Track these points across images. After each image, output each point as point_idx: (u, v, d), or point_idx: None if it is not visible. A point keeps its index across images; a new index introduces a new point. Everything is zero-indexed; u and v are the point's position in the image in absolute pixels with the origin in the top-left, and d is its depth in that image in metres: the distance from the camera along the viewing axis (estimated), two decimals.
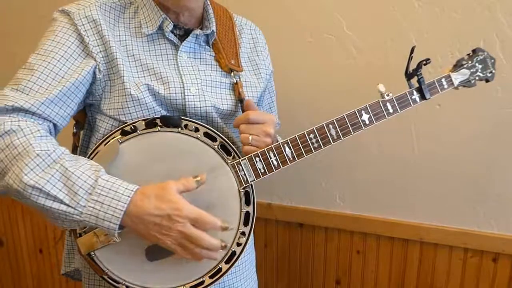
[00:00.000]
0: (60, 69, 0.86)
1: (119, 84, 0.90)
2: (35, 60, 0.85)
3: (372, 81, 1.01)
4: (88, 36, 0.88)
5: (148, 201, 0.79)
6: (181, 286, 0.92)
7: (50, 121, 0.85)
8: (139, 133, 0.88)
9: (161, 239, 0.81)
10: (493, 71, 1.07)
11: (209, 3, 1.01)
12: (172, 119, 0.89)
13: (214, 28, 0.98)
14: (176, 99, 0.93)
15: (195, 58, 0.97)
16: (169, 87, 0.92)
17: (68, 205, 0.76)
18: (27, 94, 0.82)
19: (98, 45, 0.89)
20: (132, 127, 0.88)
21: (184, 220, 0.80)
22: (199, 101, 0.94)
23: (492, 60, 1.07)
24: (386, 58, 1.36)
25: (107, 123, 0.92)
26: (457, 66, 1.05)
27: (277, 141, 0.96)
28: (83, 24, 0.88)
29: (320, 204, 1.54)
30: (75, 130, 1.01)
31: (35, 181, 0.75)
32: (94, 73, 0.89)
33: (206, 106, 0.95)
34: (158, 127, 0.89)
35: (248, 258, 1.12)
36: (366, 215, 1.50)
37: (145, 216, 0.79)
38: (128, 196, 0.78)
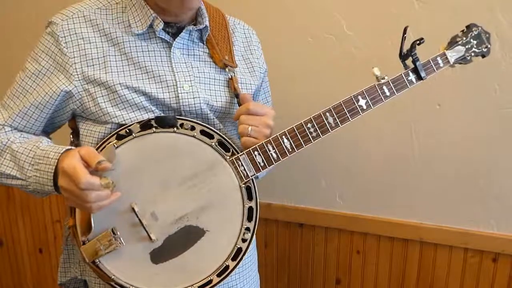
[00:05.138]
0: (30, 86, 0.92)
1: (107, 87, 0.90)
2: (17, 75, 0.94)
3: (373, 80, 1.01)
4: (67, 48, 0.90)
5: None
6: (189, 286, 0.91)
7: (22, 130, 0.94)
8: (134, 136, 0.88)
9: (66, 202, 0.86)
10: (489, 46, 1.05)
11: (201, 0, 1.00)
12: (167, 119, 0.89)
13: (207, 23, 0.98)
14: (169, 98, 0.93)
15: (188, 55, 0.97)
16: (161, 86, 0.92)
17: (20, 179, 0.89)
18: (6, 110, 0.94)
19: (79, 56, 0.90)
20: (127, 131, 0.88)
21: (65, 176, 0.81)
22: (193, 98, 0.94)
23: (487, 35, 1.05)
24: (386, 58, 1.36)
25: (100, 127, 0.92)
26: (452, 43, 1.03)
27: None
28: (64, 36, 0.90)
29: (320, 204, 1.54)
30: (72, 138, 1.00)
31: None
32: (68, 91, 0.90)
33: (200, 103, 0.94)
34: (153, 129, 0.88)
35: (250, 259, 1.11)
36: (366, 215, 1.50)
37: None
38: (56, 159, 0.83)
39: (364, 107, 0.95)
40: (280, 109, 1.24)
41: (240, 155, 0.92)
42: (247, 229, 0.93)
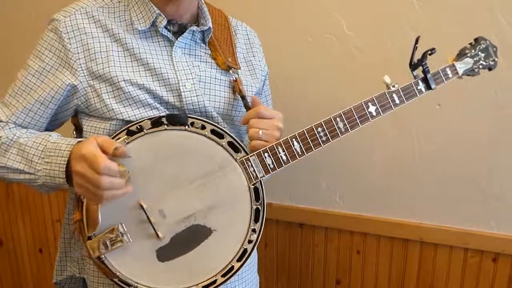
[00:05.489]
0: (34, 83, 0.92)
1: (112, 84, 0.90)
2: (19, 73, 0.94)
3: (373, 81, 1.01)
4: (71, 44, 0.90)
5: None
6: (193, 285, 0.91)
7: (26, 127, 0.93)
8: (145, 132, 0.88)
9: (76, 191, 0.83)
10: (496, 59, 1.08)
11: (203, 1, 1.00)
12: (178, 117, 0.89)
13: (210, 24, 0.98)
14: (173, 96, 0.93)
15: (189, 55, 0.97)
16: (164, 84, 0.92)
17: (28, 173, 0.87)
18: (8, 108, 0.93)
19: (82, 51, 0.90)
20: (138, 127, 0.88)
21: (82, 160, 0.79)
22: (196, 95, 0.94)
23: (494, 49, 1.08)
24: (386, 58, 1.36)
25: (105, 124, 0.92)
26: (461, 55, 1.05)
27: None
28: (67, 32, 0.90)
29: (320, 204, 1.54)
30: (75, 135, 1.00)
31: (1, 162, 0.89)
32: (73, 85, 0.91)
33: (204, 101, 0.95)
34: (165, 126, 0.88)
35: (251, 260, 1.11)
36: (366, 215, 1.50)
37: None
38: (69, 150, 0.82)
39: (374, 113, 0.97)
40: (280, 109, 1.24)
41: (250, 156, 0.93)
42: (253, 230, 0.94)
